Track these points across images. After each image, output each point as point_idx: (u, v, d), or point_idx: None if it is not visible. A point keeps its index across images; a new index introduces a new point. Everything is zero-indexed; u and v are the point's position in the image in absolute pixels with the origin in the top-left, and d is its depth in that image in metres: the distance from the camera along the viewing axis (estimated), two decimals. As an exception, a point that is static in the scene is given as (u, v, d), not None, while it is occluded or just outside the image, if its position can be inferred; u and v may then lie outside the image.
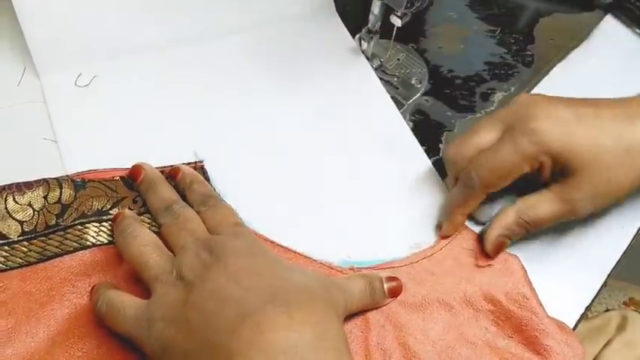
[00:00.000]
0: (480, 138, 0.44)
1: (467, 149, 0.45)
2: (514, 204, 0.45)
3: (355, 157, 0.51)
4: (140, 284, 0.40)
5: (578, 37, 0.63)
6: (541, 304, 0.42)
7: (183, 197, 0.44)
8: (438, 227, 0.47)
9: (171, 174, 0.46)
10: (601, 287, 0.47)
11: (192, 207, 0.43)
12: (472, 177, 0.44)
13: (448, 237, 0.46)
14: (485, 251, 0.45)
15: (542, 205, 0.44)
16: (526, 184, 0.45)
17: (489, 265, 0.44)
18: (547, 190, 0.44)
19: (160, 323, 0.35)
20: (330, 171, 0.50)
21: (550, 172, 0.43)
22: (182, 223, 0.41)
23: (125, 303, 0.37)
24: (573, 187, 0.42)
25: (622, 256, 0.48)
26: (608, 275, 0.47)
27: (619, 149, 0.42)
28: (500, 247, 0.45)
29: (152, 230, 0.43)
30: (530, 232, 0.45)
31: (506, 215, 0.44)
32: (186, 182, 0.45)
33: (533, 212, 0.44)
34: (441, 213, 0.48)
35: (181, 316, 0.35)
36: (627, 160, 0.42)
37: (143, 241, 0.40)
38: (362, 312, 0.42)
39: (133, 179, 0.45)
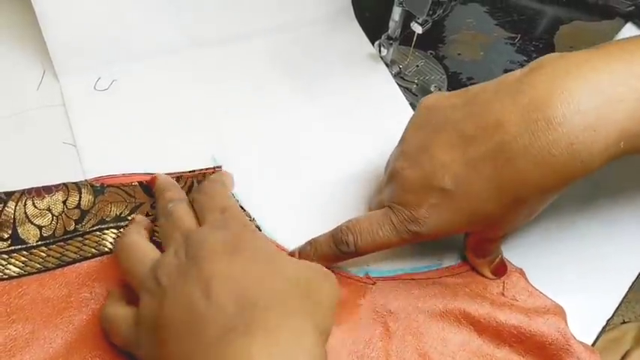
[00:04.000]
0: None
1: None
2: None
3: (374, 165, 0.50)
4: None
5: (598, 45, 0.62)
6: (567, 324, 0.42)
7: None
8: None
9: (198, 177, 0.46)
10: (621, 301, 0.46)
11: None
12: (349, 242, 0.41)
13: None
14: None
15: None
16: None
17: (515, 299, 0.43)
18: None
19: (143, 335, 0.34)
20: (349, 178, 0.50)
21: None
22: (175, 220, 0.39)
23: (118, 316, 0.37)
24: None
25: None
26: (629, 289, 0.47)
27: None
28: None
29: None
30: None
31: None
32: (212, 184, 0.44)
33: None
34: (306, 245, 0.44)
35: (155, 328, 0.33)
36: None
37: (132, 249, 0.38)
38: (382, 321, 0.42)
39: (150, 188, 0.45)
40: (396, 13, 0.52)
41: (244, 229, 0.37)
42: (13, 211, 0.42)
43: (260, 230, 0.45)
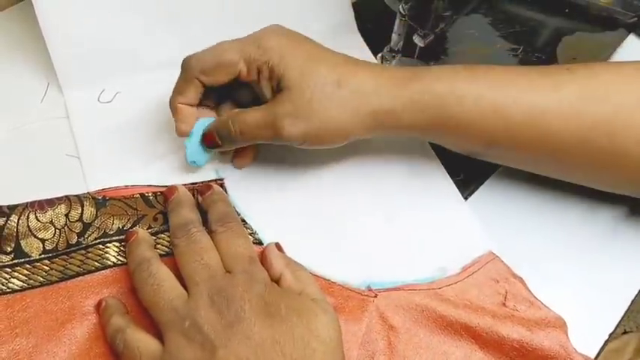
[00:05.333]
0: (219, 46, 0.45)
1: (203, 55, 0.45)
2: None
3: (379, 178, 0.51)
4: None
5: (600, 56, 0.62)
6: (568, 338, 0.42)
7: (205, 217, 0.44)
8: (175, 130, 0.47)
9: (201, 189, 0.46)
10: (624, 314, 0.46)
11: (209, 224, 0.43)
12: (190, 60, 0.44)
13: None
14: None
15: (251, 113, 0.44)
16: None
17: (516, 310, 0.43)
18: (263, 105, 0.45)
19: None
20: (352, 191, 0.50)
21: (269, 85, 0.44)
22: (197, 251, 0.40)
23: (141, 349, 0.37)
24: (278, 102, 0.43)
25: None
26: (632, 302, 0.47)
27: (330, 80, 0.43)
28: (207, 137, 0.46)
29: (168, 251, 0.43)
30: (237, 141, 0.45)
31: (221, 116, 0.47)
32: (213, 199, 0.45)
33: (242, 117, 0.44)
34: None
35: None
36: (339, 92, 0.43)
37: (157, 279, 0.39)
38: (385, 335, 0.42)
39: (165, 198, 0.45)
40: (399, 26, 0.53)
41: (272, 284, 0.39)
42: (15, 225, 0.42)
43: (262, 244, 0.45)
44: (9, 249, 0.41)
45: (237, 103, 0.49)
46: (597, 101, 0.43)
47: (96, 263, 0.42)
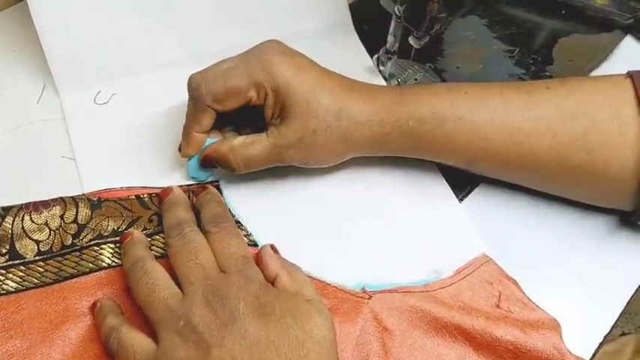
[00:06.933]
0: (224, 64, 0.45)
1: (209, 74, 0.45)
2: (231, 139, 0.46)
3: (374, 180, 0.51)
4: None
5: (597, 58, 0.62)
6: (562, 339, 0.42)
7: (199, 218, 0.44)
8: (178, 149, 0.48)
9: (196, 191, 0.46)
10: (619, 315, 0.46)
11: (203, 225, 0.43)
12: (199, 89, 0.44)
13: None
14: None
15: (254, 147, 0.45)
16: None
17: (510, 311, 0.44)
18: (264, 133, 0.45)
19: None
20: (348, 194, 0.50)
21: (272, 110, 0.45)
22: (191, 250, 0.40)
23: (135, 347, 0.37)
24: (283, 134, 0.44)
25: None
26: (628, 303, 0.47)
27: (332, 110, 0.44)
28: (205, 160, 0.46)
29: (163, 253, 0.43)
30: (237, 171, 0.46)
31: (221, 145, 0.46)
32: (206, 199, 0.45)
33: (244, 152, 0.45)
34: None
35: None
36: (338, 124, 0.45)
37: (152, 278, 0.39)
38: (379, 337, 0.42)
39: (160, 199, 0.45)
40: (395, 27, 0.53)
41: (267, 285, 0.40)
42: (10, 226, 0.42)
43: (257, 245, 0.45)
44: (3, 250, 0.41)
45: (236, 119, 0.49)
46: (573, 117, 0.44)
47: (90, 265, 0.42)
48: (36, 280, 0.41)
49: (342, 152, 0.47)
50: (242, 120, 0.48)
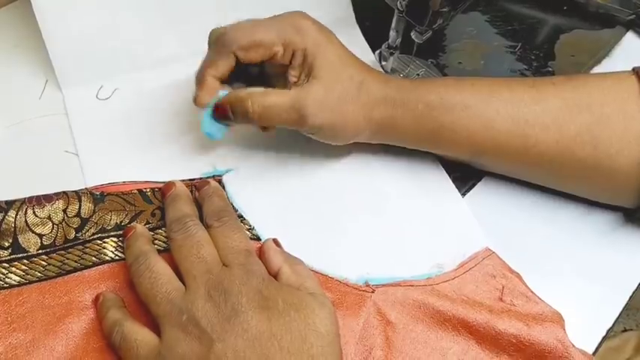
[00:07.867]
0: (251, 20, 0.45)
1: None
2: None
3: (376, 174, 0.51)
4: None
5: (599, 54, 0.62)
6: (566, 332, 0.42)
7: (201, 212, 0.44)
8: (193, 101, 0.46)
9: (198, 185, 0.46)
10: (622, 310, 0.46)
11: (205, 219, 0.43)
12: (226, 35, 0.44)
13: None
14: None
15: (274, 95, 0.44)
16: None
17: (513, 304, 0.44)
18: (287, 89, 0.45)
19: None
20: (350, 188, 0.50)
21: (298, 71, 0.45)
22: (193, 244, 0.40)
23: (138, 341, 0.37)
24: (308, 90, 0.44)
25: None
26: (630, 298, 0.47)
27: (355, 81, 0.45)
28: (220, 110, 0.45)
29: (165, 247, 0.43)
30: (252, 120, 0.44)
31: (239, 90, 0.45)
32: (208, 193, 0.45)
33: (263, 99, 0.44)
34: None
35: None
36: (359, 95, 0.45)
37: (154, 272, 0.39)
38: (382, 330, 0.42)
39: (162, 193, 0.45)
40: (397, 22, 0.53)
41: (270, 278, 0.39)
42: (13, 220, 0.42)
43: (259, 239, 0.45)
44: (6, 244, 0.41)
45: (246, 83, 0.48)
46: (579, 111, 0.44)
47: (93, 258, 0.42)
48: (39, 274, 0.41)
49: (356, 127, 0.46)
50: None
